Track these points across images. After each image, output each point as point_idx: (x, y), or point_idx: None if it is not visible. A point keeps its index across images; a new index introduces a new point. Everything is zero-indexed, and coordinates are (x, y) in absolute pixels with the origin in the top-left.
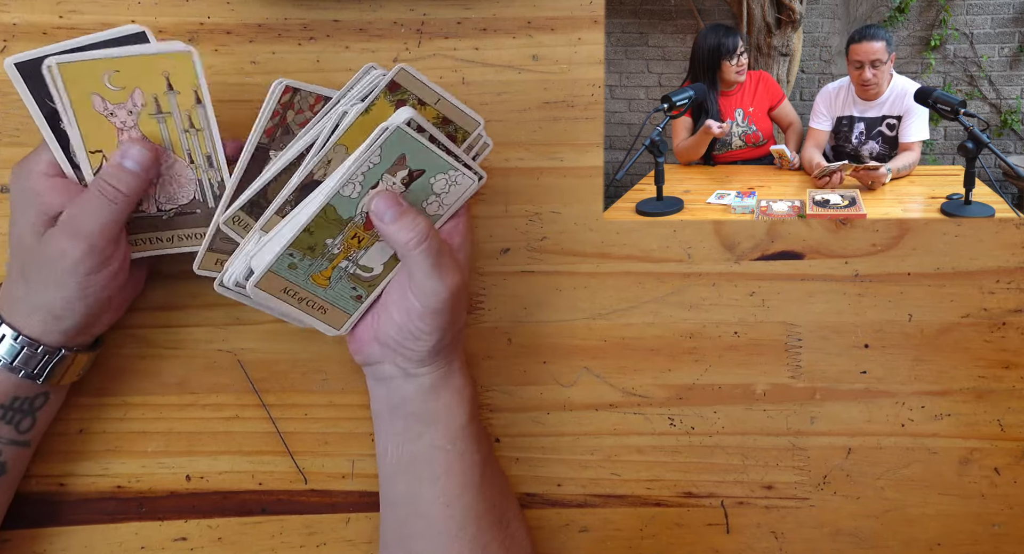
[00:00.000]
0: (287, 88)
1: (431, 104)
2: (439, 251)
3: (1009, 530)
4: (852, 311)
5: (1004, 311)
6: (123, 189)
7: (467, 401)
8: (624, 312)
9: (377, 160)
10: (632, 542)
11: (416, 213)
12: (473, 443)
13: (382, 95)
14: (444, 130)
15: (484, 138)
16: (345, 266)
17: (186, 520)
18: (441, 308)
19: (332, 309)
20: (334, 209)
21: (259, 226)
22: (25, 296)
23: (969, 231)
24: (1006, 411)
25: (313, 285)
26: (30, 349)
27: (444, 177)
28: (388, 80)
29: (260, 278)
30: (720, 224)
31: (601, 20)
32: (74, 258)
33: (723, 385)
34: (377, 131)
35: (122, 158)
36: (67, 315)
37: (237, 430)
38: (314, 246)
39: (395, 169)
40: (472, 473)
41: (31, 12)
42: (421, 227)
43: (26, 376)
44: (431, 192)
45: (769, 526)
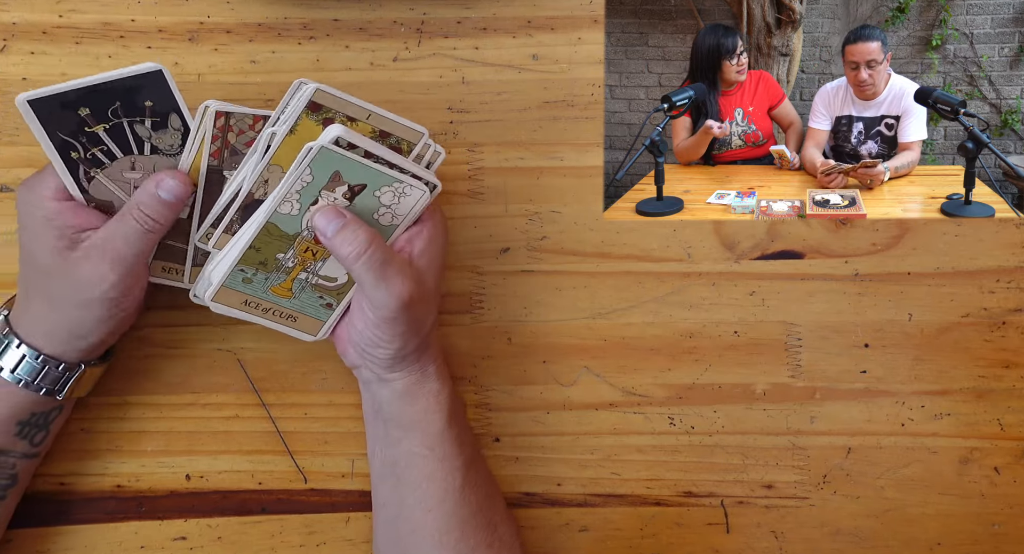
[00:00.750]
0: (218, 113)
1: (363, 120)
2: (384, 261)
3: (1009, 530)
4: (852, 311)
5: (1004, 311)
6: (160, 220)
7: (444, 405)
8: (624, 312)
9: (309, 178)
10: (632, 542)
11: (357, 225)
12: (454, 447)
13: (304, 116)
14: (385, 142)
15: (433, 147)
16: (305, 277)
17: (186, 519)
18: (394, 317)
19: (303, 317)
20: (276, 226)
21: (211, 244)
22: (47, 316)
23: (969, 231)
24: (1006, 411)
25: (275, 296)
26: (51, 367)
27: (390, 190)
28: (306, 101)
29: (215, 292)
30: (720, 224)
31: (601, 20)
32: (111, 282)
33: (723, 385)
34: (303, 151)
35: (158, 189)
36: (90, 334)
37: (237, 430)
38: (265, 261)
39: (332, 185)
40: (454, 478)
41: (31, 11)
42: (361, 238)
43: (46, 393)
44: (380, 204)
45: (769, 526)
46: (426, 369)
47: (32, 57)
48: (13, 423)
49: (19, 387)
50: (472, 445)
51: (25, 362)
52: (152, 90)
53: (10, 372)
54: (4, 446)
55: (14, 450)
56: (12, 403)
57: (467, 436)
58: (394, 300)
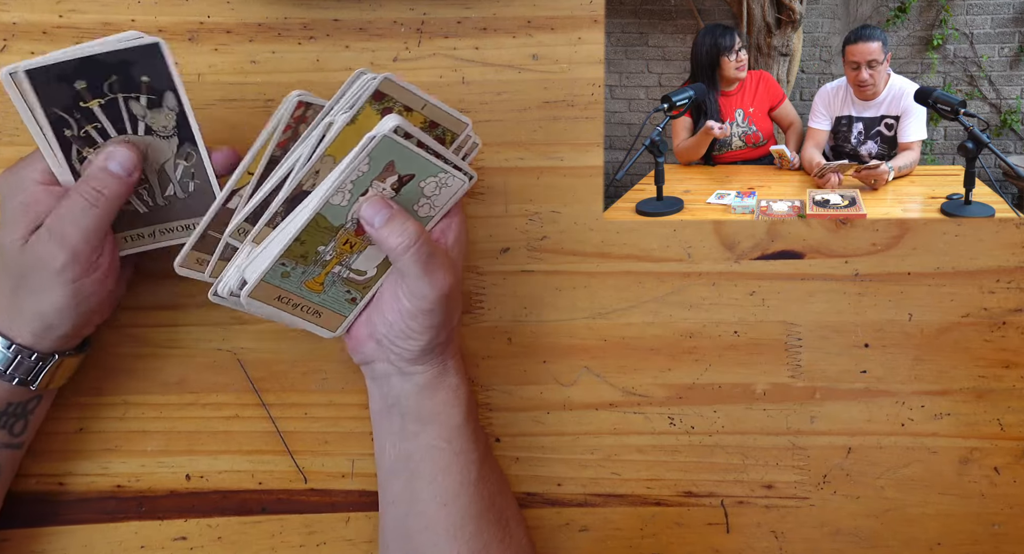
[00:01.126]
0: (300, 103)
1: (417, 109)
2: (429, 254)
3: (1009, 530)
4: (852, 311)
5: (1004, 311)
6: (105, 192)
7: (463, 400)
8: (624, 312)
9: (366, 168)
10: (632, 541)
11: (405, 217)
12: (470, 442)
13: (367, 104)
14: (432, 133)
15: (473, 138)
16: (338, 271)
17: (186, 519)
18: (432, 308)
19: (326, 312)
20: (324, 218)
21: (251, 238)
22: (12, 304)
23: (969, 231)
24: (1006, 411)
25: (307, 291)
26: (23, 357)
27: (434, 180)
28: (372, 90)
29: (253, 288)
30: (720, 224)
31: (601, 19)
32: (60, 264)
33: (723, 384)
34: (365, 140)
35: (107, 161)
36: (59, 323)
37: (237, 429)
38: (306, 254)
39: (384, 175)
40: (469, 472)
41: (31, 11)
42: (410, 231)
43: (20, 383)
44: (421, 195)
45: (769, 525)
46: (447, 363)
47: (32, 57)
48: None
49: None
50: (485, 441)
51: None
52: (148, 65)
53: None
54: None
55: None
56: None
57: (481, 433)
58: (435, 292)
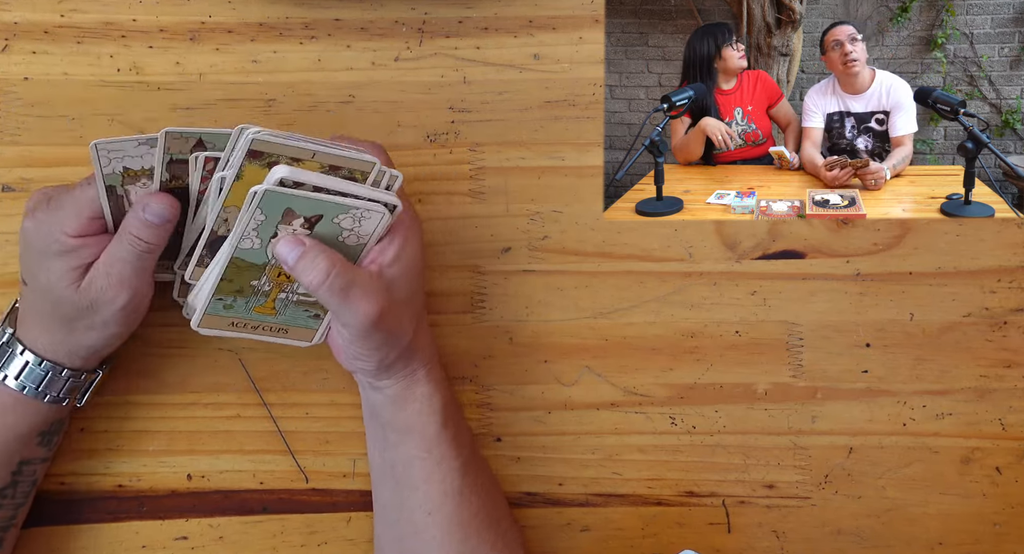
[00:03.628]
0: (207, 159)
1: (308, 159)
2: (345, 285)
3: (1010, 529)
4: (853, 310)
5: (1006, 310)
6: (151, 241)
7: (438, 409)
8: (625, 311)
9: (262, 218)
10: (633, 541)
11: (317, 252)
12: (451, 450)
13: (247, 162)
14: (338, 174)
15: (388, 172)
16: (285, 296)
17: (187, 519)
18: (366, 334)
19: (292, 329)
20: (243, 260)
21: (188, 276)
22: (65, 339)
23: (970, 231)
24: (1008, 410)
25: (260, 315)
26: (75, 379)
27: (347, 216)
28: (246, 150)
29: (199, 320)
30: (721, 223)
31: (602, 19)
32: (123, 302)
33: (724, 384)
34: (248, 196)
35: (144, 213)
36: (109, 346)
37: (238, 429)
38: (241, 289)
39: (288, 219)
40: (452, 480)
41: (32, 11)
42: (320, 266)
43: (68, 403)
44: (341, 229)
45: (770, 525)
46: (415, 374)
47: (34, 57)
48: (36, 434)
49: (43, 401)
50: (471, 446)
51: (49, 378)
52: None
53: (35, 389)
54: (29, 457)
55: (36, 457)
56: (36, 417)
57: (465, 437)
58: (362, 319)
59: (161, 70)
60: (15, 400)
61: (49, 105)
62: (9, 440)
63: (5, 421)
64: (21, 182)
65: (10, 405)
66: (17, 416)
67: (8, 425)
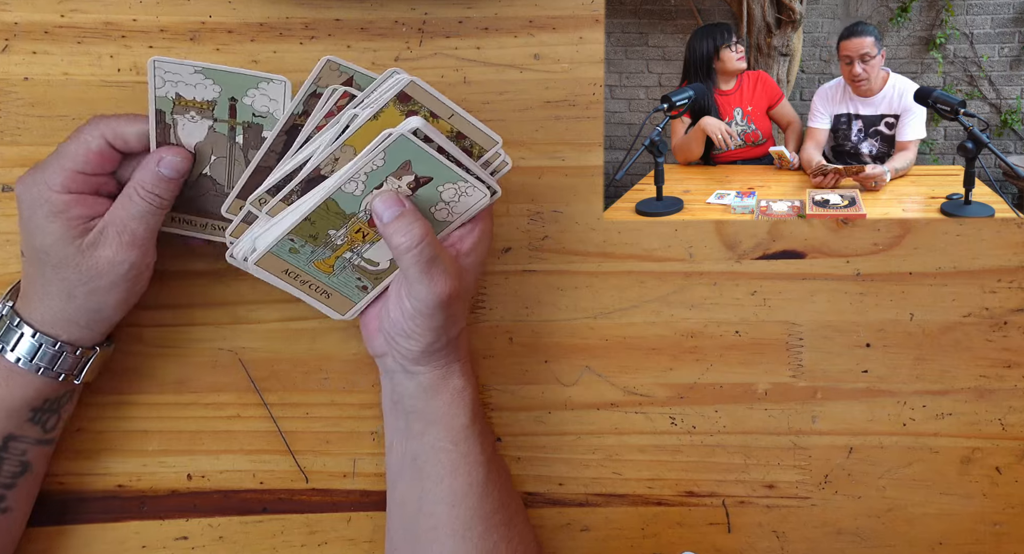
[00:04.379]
0: (344, 93)
1: (444, 118)
2: (432, 258)
3: (1010, 529)
4: (854, 310)
5: (1006, 310)
6: (165, 196)
7: (467, 403)
8: (626, 311)
9: (381, 163)
10: (633, 541)
11: (415, 217)
12: (477, 444)
13: (392, 104)
14: (459, 144)
15: (503, 157)
16: (349, 257)
17: (187, 519)
18: (431, 313)
19: (336, 295)
20: (336, 203)
21: (265, 210)
22: (65, 305)
23: (970, 231)
24: (1008, 410)
25: (316, 270)
26: (67, 353)
27: (453, 187)
28: (398, 91)
29: (260, 257)
30: (721, 223)
31: (602, 19)
32: (130, 263)
33: (724, 384)
34: (381, 136)
35: (158, 166)
36: (114, 316)
37: (238, 429)
38: (316, 235)
39: (400, 173)
40: (477, 473)
41: (33, 11)
42: (415, 232)
43: (64, 378)
44: (439, 199)
45: (771, 525)
46: (451, 366)
47: (34, 57)
48: (27, 410)
49: (37, 375)
50: (492, 443)
51: (43, 350)
52: None
53: (28, 361)
54: (17, 432)
55: (26, 436)
56: (28, 391)
57: (488, 435)
58: (434, 297)
59: None
60: (8, 371)
61: (49, 105)
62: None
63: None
64: None
65: (2, 377)
66: (10, 388)
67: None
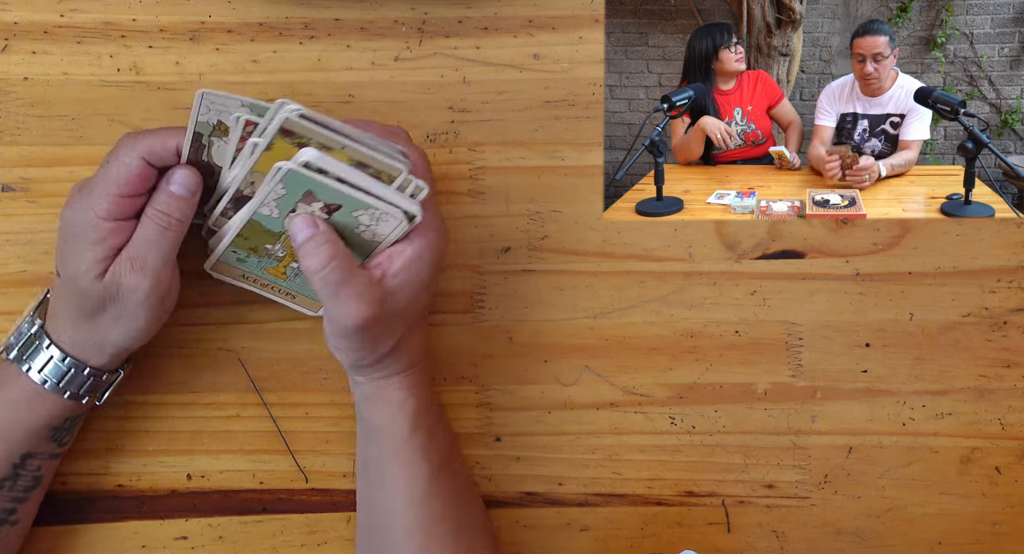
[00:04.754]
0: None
1: (337, 149)
2: (339, 281)
3: (1010, 529)
4: (853, 310)
5: (1005, 310)
6: (177, 215)
7: (408, 415)
8: (625, 311)
9: (283, 192)
10: (633, 541)
11: (324, 239)
12: (419, 456)
13: (278, 137)
14: (365, 171)
15: (415, 182)
16: (296, 266)
17: (187, 519)
18: (347, 334)
19: (300, 296)
20: (260, 224)
21: (210, 223)
22: (91, 332)
23: (970, 230)
24: (1007, 410)
25: (270, 276)
26: (96, 377)
27: (366, 213)
28: (278, 126)
29: (213, 263)
30: (721, 223)
31: (602, 19)
32: (145, 291)
33: (724, 384)
34: (273, 170)
35: (168, 184)
36: (137, 344)
37: (238, 429)
38: (255, 248)
39: (308, 200)
40: (418, 485)
41: (32, 11)
42: (323, 254)
43: (87, 400)
44: (359, 222)
45: (770, 525)
46: (389, 379)
47: (33, 57)
48: (48, 429)
49: (63, 397)
50: (445, 453)
51: (71, 375)
52: None
53: (56, 385)
54: (35, 449)
55: (42, 453)
56: (52, 413)
57: (437, 444)
58: (347, 319)
59: (161, 70)
60: (34, 393)
61: (49, 105)
62: (18, 432)
63: (19, 414)
64: (21, 182)
65: (27, 399)
66: (32, 410)
67: (21, 418)
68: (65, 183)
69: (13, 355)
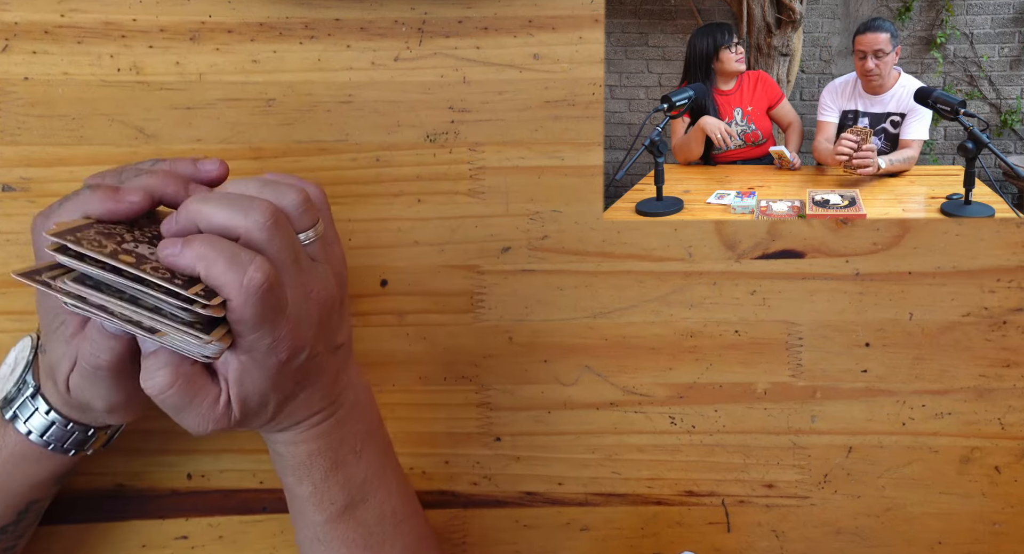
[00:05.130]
0: None
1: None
2: (180, 407)
3: (1009, 529)
4: (853, 310)
5: (1005, 310)
6: (104, 358)
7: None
8: (625, 311)
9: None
10: (633, 541)
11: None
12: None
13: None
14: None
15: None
16: None
17: (187, 518)
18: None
19: None
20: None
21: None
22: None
23: (970, 230)
24: (1007, 410)
25: None
26: (100, 430)
27: None
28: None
29: None
30: (721, 223)
31: (602, 19)
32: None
33: (724, 384)
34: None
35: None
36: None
37: None
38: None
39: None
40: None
41: (32, 11)
42: (159, 381)
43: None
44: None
45: (770, 525)
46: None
47: (34, 57)
48: (54, 477)
49: (70, 455)
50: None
51: (74, 437)
52: None
53: (60, 447)
54: (40, 496)
55: (46, 497)
56: (59, 467)
57: (334, 492)
58: (196, 431)
59: (161, 70)
60: (39, 453)
61: (49, 105)
62: (24, 486)
63: (27, 470)
64: (21, 182)
65: (34, 457)
66: (40, 467)
67: (29, 473)
68: (65, 183)
69: (10, 415)
